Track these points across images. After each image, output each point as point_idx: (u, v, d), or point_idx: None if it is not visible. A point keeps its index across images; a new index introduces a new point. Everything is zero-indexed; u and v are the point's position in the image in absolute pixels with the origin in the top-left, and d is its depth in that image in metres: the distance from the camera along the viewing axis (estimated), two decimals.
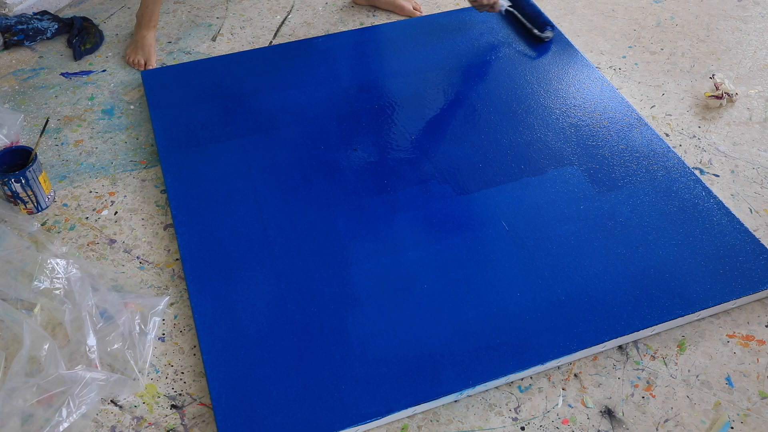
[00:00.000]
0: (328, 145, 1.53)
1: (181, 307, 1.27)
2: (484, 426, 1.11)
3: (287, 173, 1.47)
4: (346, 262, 1.29)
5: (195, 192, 1.43)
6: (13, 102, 1.69)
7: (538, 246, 1.32)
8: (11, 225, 1.36)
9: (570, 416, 1.12)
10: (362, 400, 1.09)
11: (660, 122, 1.65)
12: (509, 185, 1.44)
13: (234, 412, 1.08)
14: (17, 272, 1.23)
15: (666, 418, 1.12)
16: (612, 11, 2.01)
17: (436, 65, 1.75)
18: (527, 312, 1.21)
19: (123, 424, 1.11)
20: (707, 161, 1.55)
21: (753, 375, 1.18)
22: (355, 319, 1.20)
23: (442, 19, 1.91)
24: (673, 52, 1.86)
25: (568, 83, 1.69)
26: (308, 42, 1.84)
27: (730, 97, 1.68)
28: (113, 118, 1.65)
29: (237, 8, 2.01)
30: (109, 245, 1.37)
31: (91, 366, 1.12)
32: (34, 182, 1.39)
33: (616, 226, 1.35)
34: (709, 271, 1.27)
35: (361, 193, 1.43)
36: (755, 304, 1.28)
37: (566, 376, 1.17)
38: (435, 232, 1.35)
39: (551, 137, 1.55)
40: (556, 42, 1.81)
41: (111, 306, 1.19)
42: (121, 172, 1.52)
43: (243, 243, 1.33)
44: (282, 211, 1.39)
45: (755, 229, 1.41)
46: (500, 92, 1.67)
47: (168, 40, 1.88)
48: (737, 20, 1.97)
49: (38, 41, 1.86)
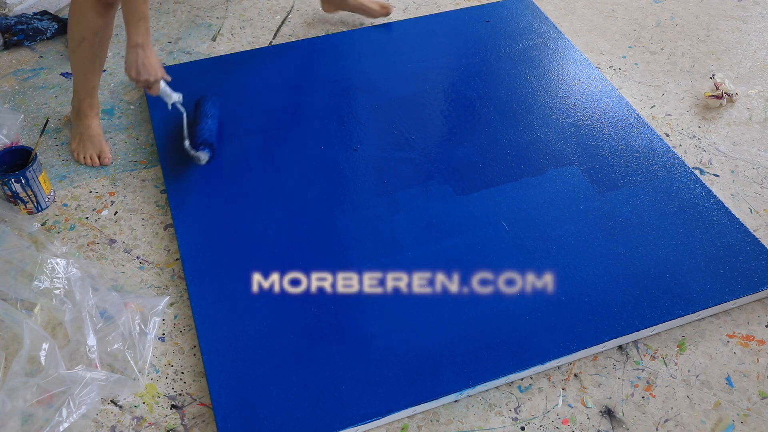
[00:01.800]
0: (328, 145, 1.53)
1: (181, 307, 1.26)
2: (484, 426, 1.11)
3: (287, 173, 1.47)
4: (346, 262, 1.29)
5: (195, 192, 1.43)
6: (13, 102, 1.69)
7: (538, 246, 1.32)
8: (11, 225, 1.36)
9: (570, 416, 1.12)
10: (362, 400, 1.09)
11: (660, 122, 1.65)
12: (509, 185, 1.44)
13: (234, 412, 1.08)
14: (17, 272, 1.23)
15: (666, 418, 1.12)
16: (612, 11, 2.01)
17: (436, 65, 1.75)
18: (527, 312, 1.21)
19: (123, 424, 1.11)
20: (707, 161, 1.55)
21: (753, 375, 1.18)
22: (355, 319, 1.20)
23: (442, 19, 1.92)
24: (673, 52, 1.86)
25: (568, 83, 1.69)
26: (308, 42, 1.84)
27: (730, 97, 1.68)
28: (113, 118, 1.65)
29: (237, 8, 2.01)
30: (109, 245, 1.37)
31: (91, 366, 1.12)
32: (34, 182, 1.39)
33: (616, 226, 1.35)
34: (709, 271, 1.27)
35: (361, 193, 1.43)
36: (755, 304, 1.28)
37: (566, 376, 1.17)
38: (435, 232, 1.35)
39: (551, 137, 1.55)
40: (556, 42, 1.81)
41: (111, 306, 1.19)
42: (121, 172, 1.52)
43: (243, 243, 1.33)
44: (282, 211, 1.39)
45: (755, 229, 1.41)
46: (500, 92, 1.67)
47: (168, 40, 1.88)
48: (737, 20, 1.97)
49: (38, 41, 1.86)
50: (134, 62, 1.30)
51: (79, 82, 1.49)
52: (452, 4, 2.03)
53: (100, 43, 1.42)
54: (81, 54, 1.43)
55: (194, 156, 1.45)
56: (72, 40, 1.42)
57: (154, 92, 1.38)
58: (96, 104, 1.54)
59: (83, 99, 1.52)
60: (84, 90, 1.50)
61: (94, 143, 1.53)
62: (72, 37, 1.42)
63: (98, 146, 1.54)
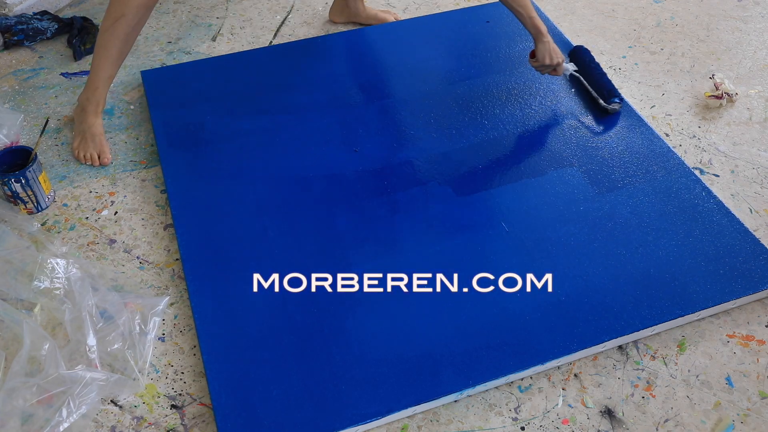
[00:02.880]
0: (328, 146, 1.53)
1: (181, 307, 1.26)
2: (484, 426, 1.11)
3: (287, 173, 1.47)
4: (347, 263, 1.29)
5: (195, 192, 1.43)
6: (13, 102, 1.69)
7: (537, 247, 1.32)
8: (11, 225, 1.36)
9: (570, 416, 1.12)
10: (362, 400, 1.09)
11: (660, 122, 1.65)
12: (509, 186, 1.44)
13: (234, 412, 1.08)
14: (17, 272, 1.23)
15: (666, 418, 1.12)
16: (612, 11, 2.01)
17: (436, 65, 1.75)
18: (527, 312, 1.21)
19: (123, 424, 1.11)
20: (707, 161, 1.55)
21: (753, 375, 1.18)
22: (355, 319, 1.20)
23: (442, 19, 1.91)
24: (673, 52, 1.86)
25: (568, 83, 1.69)
26: (308, 42, 1.84)
27: (730, 97, 1.68)
28: (113, 118, 1.65)
29: (237, 8, 2.01)
30: (109, 245, 1.37)
31: (91, 366, 1.12)
32: (34, 182, 1.39)
33: (616, 227, 1.35)
34: (709, 271, 1.27)
35: (362, 194, 1.43)
36: (755, 304, 1.28)
37: (566, 376, 1.17)
38: (435, 232, 1.35)
39: (551, 138, 1.55)
40: (555, 42, 1.81)
41: (111, 306, 1.19)
42: (121, 172, 1.52)
43: (243, 243, 1.33)
44: (282, 211, 1.39)
45: (755, 229, 1.41)
46: (500, 92, 1.67)
47: (168, 40, 1.88)
48: (737, 20, 1.97)
49: (38, 41, 1.86)
50: (547, 51, 1.53)
51: (97, 68, 1.48)
52: (452, 4, 2.03)
53: (137, 25, 1.42)
54: (114, 33, 1.43)
55: (610, 109, 1.59)
56: (109, 17, 1.41)
57: (559, 72, 1.59)
58: (102, 102, 1.54)
59: (94, 91, 1.51)
60: (99, 79, 1.49)
61: (95, 142, 1.53)
62: (111, 12, 1.41)
63: (99, 145, 1.53)
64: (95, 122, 1.54)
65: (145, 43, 1.87)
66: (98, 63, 1.48)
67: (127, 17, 1.40)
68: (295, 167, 1.48)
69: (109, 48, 1.45)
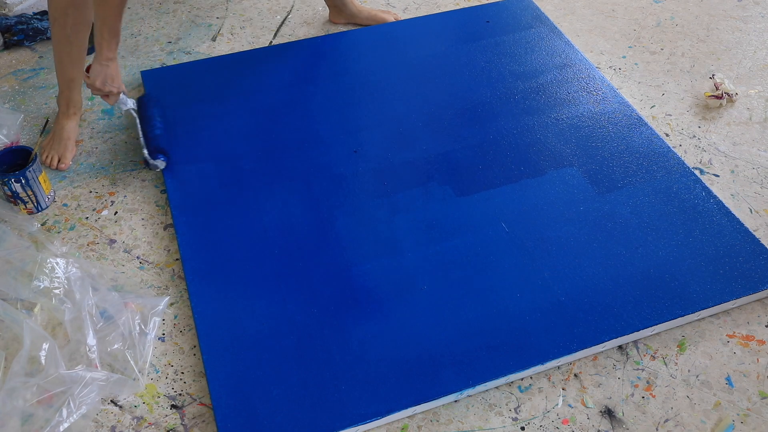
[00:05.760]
0: (328, 146, 1.53)
1: (181, 307, 1.27)
2: (484, 426, 1.11)
3: (287, 174, 1.47)
4: (347, 263, 1.29)
5: (195, 192, 1.43)
6: (13, 102, 1.69)
7: (537, 247, 1.32)
8: (11, 225, 1.36)
9: (570, 416, 1.12)
10: (362, 400, 1.09)
11: (660, 122, 1.65)
12: (509, 186, 1.44)
13: (234, 412, 1.08)
14: (17, 272, 1.23)
15: (666, 418, 1.12)
16: (612, 11, 2.01)
17: (436, 66, 1.75)
18: (527, 312, 1.21)
19: (123, 424, 1.11)
20: (707, 161, 1.55)
21: (753, 375, 1.18)
22: (355, 320, 1.20)
23: (442, 19, 1.92)
24: (673, 52, 1.86)
25: (568, 83, 1.69)
26: (308, 42, 1.84)
27: (730, 97, 1.68)
28: (113, 118, 1.65)
29: (237, 8, 2.01)
30: (109, 245, 1.37)
31: (91, 366, 1.12)
32: (34, 182, 1.39)
33: (616, 227, 1.35)
34: (709, 271, 1.27)
35: (361, 195, 1.43)
36: (755, 304, 1.28)
37: (566, 376, 1.17)
38: (435, 233, 1.35)
39: (551, 138, 1.55)
40: (555, 42, 1.81)
41: (111, 306, 1.19)
42: (121, 172, 1.52)
43: (243, 243, 1.33)
44: (282, 212, 1.39)
45: (755, 229, 1.41)
46: (500, 93, 1.67)
47: (168, 40, 1.88)
48: (737, 20, 1.97)
49: (38, 41, 1.86)
50: (102, 74, 1.36)
51: (56, 68, 1.49)
52: (452, 4, 2.04)
53: (72, 26, 1.40)
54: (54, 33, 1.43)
55: (152, 164, 1.44)
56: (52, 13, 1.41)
57: (112, 102, 1.43)
58: (73, 105, 1.51)
59: (61, 93, 1.51)
60: (62, 79, 1.50)
61: (60, 145, 1.50)
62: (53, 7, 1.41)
63: (62, 149, 1.49)
64: (66, 124, 1.52)
65: (145, 43, 1.87)
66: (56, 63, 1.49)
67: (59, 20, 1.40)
68: (295, 167, 1.48)
69: (57, 47, 1.45)
